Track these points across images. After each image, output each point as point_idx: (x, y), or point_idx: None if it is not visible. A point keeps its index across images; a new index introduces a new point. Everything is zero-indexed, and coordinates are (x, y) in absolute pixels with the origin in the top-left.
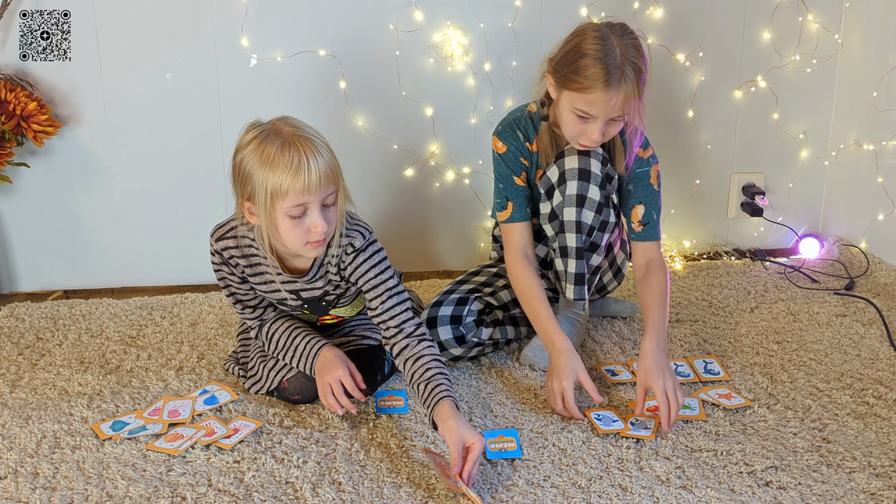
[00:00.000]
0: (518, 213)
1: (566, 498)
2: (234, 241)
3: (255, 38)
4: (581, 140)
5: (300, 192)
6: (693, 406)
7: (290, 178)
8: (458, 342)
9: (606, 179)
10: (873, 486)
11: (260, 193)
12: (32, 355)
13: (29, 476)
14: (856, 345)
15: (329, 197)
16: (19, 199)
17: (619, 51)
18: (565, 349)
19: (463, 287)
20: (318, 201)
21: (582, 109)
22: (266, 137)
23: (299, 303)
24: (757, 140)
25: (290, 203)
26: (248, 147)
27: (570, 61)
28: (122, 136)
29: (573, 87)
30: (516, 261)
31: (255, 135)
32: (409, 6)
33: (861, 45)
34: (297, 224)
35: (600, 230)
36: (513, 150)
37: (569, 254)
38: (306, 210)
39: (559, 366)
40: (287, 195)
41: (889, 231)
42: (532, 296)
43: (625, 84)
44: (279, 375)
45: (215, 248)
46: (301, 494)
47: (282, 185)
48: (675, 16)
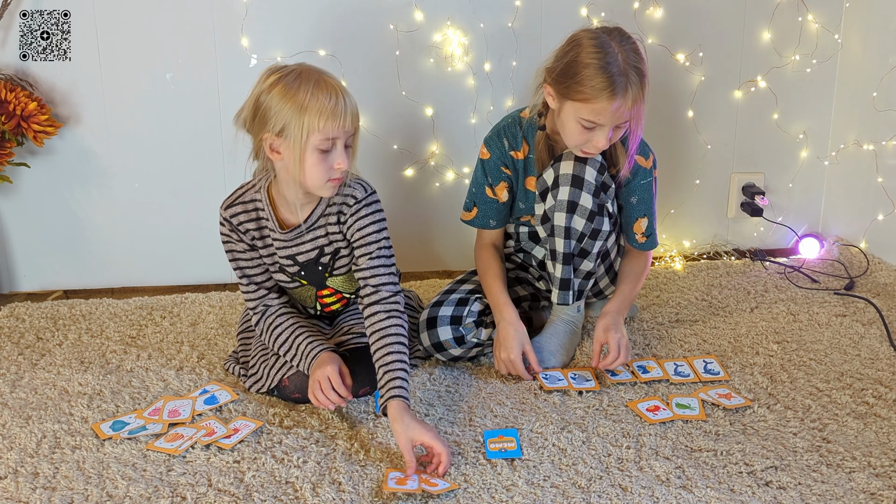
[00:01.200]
0: (480, 220)
1: (566, 498)
2: (242, 206)
3: (255, 38)
4: (586, 148)
5: (335, 125)
6: (693, 406)
7: (329, 112)
8: (458, 342)
9: (602, 188)
10: (873, 486)
11: (294, 126)
12: (32, 355)
13: (29, 476)
14: (856, 345)
15: (350, 138)
16: (19, 199)
17: (621, 57)
18: (513, 320)
19: (463, 287)
20: (344, 139)
21: (588, 119)
22: (297, 77)
23: (296, 269)
24: (757, 140)
25: (322, 136)
26: (278, 86)
27: (572, 73)
28: (122, 136)
29: (578, 97)
30: (482, 248)
31: (282, 76)
32: (409, 6)
33: (861, 45)
34: (323, 160)
35: (591, 237)
36: (495, 159)
37: (556, 258)
38: (333, 145)
39: (507, 337)
40: (323, 128)
41: (889, 231)
42: (489, 273)
43: (630, 89)
44: (279, 373)
45: (224, 217)
46: (301, 494)
47: (319, 118)
48: (675, 16)
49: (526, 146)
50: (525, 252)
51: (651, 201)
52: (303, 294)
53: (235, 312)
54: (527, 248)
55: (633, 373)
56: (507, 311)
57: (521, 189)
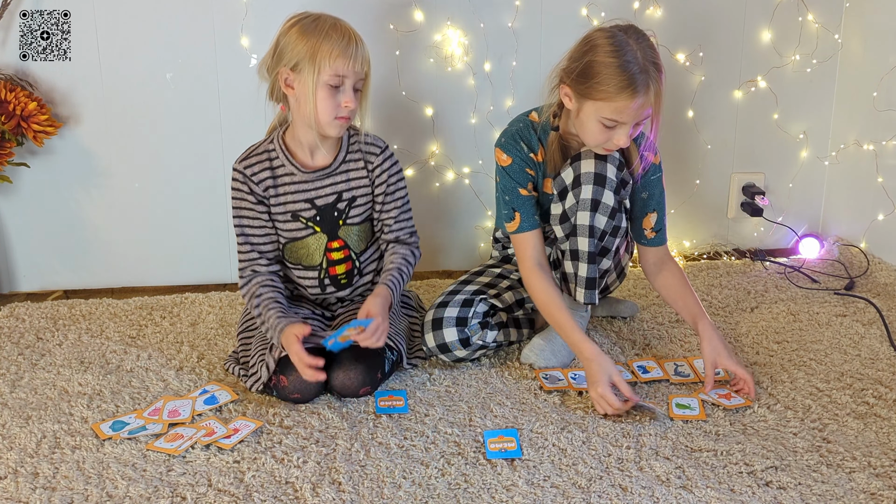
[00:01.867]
0: (526, 222)
1: (566, 498)
2: (256, 157)
3: (255, 38)
4: (607, 146)
5: (346, 63)
6: (693, 406)
7: (340, 48)
8: (464, 344)
9: (621, 185)
10: (873, 486)
11: (307, 61)
12: (32, 355)
13: (29, 476)
14: (856, 345)
15: (359, 82)
16: (19, 199)
17: (640, 54)
18: (594, 356)
19: (468, 288)
20: (353, 79)
21: (610, 118)
22: (315, 20)
23: (313, 212)
24: (757, 140)
25: (332, 72)
26: (296, 26)
27: (592, 73)
28: (122, 136)
29: (599, 97)
30: (532, 273)
31: (301, 18)
32: (409, 6)
33: (861, 45)
34: (332, 95)
35: (612, 235)
36: (518, 162)
37: (580, 258)
38: (342, 83)
39: (593, 373)
40: (334, 63)
41: (889, 231)
42: (553, 307)
43: (652, 85)
44: (271, 359)
45: (238, 170)
46: (301, 494)
47: (332, 52)
48: (675, 16)
49: (542, 149)
50: None
51: (661, 197)
52: (312, 247)
53: (235, 312)
54: None
55: (632, 373)
56: (586, 349)
57: (540, 192)
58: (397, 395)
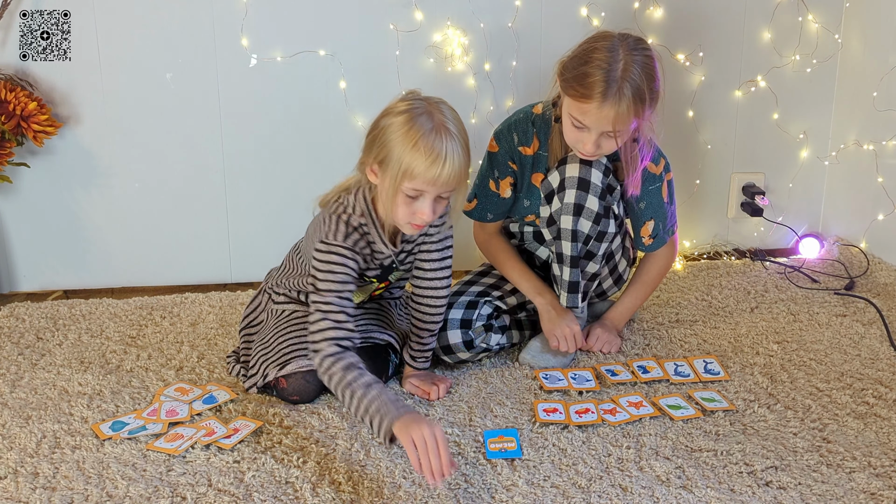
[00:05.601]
0: (477, 212)
1: (566, 498)
2: (357, 232)
3: (255, 38)
4: (577, 147)
5: (426, 182)
6: (682, 405)
7: (425, 166)
8: (467, 346)
9: (608, 190)
10: (873, 486)
11: (393, 166)
12: (32, 355)
13: (29, 476)
14: (856, 345)
15: (446, 192)
16: (19, 199)
17: (622, 66)
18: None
19: (472, 289)
20: (435, 193)
21: (576, 118)
22: (419, 115)
23: (378, 272)
24: (757, 140)
25: (411, 185)
26: (398, 117)
27: (574, 66)
28: (122, 136)
29: (571, 93)
30: (489, 238)
31: (409, 107)
32: (409, 6)
33: (861, 45)
34: (409, 203)
35: (597, 240)
36: (503, 153)
37: (563, 261)
38: (421, 195)
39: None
40: (414, 179)
41: (889, 231)
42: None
43: (620, 101)
44: (274, 371)
45: (345, 246)
46: (301, 494)
47: (415, 169)
48: (675, 16)
49: (537, 142)
50: (529, 252)
51: (660, 205)
52: (363, 291)
53: (235, 312)
54: (530, 249)
55: (633, 373)
56: (546, 293)
57: (527, 185)
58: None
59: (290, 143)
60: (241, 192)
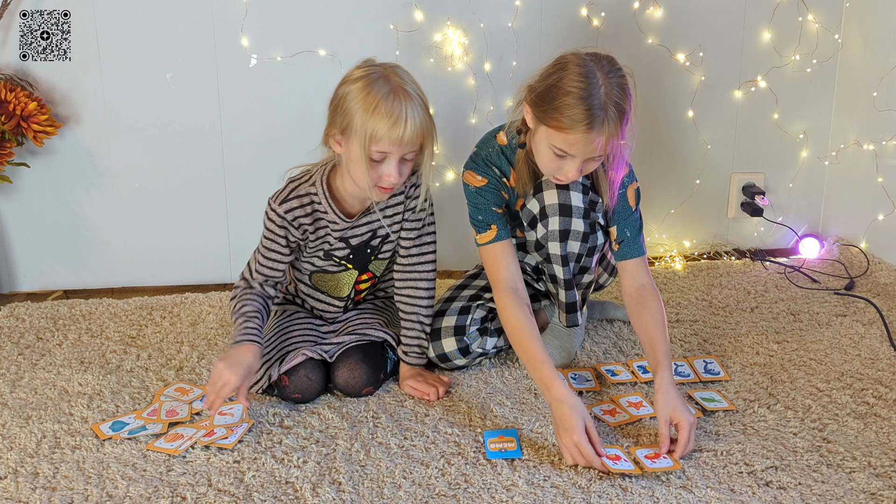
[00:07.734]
0: (503, 230)
1: (566, 498)
2: (298, 200)
3: (255, 38)
4: (557, 175)
5: (388, 143)
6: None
7: (387, 128)
8: (463, 353)
9: (591, 207)
10: (873, 486)
11: (357, 132)
12: (32, 355)
13: (29, 476)
14: (856, 345)
15: (410, 153)
16: (19, 199)
17: (603, 90)
18: (565, 397)
19: (464, 294)
20: (399, 154)
21: (560, 148)
22: (376, 80)
23: (347, 251)
24: (757, 140)
25: (375, 148)
26: (355, 84)
27: (551, 97)
28: (122, 136)
29: (553, 124)
30: (505, 295)
31: (365, 73)
32: (409, 6)
33: (861, 45)
34: (374, 167)
35: (588, 255)
36: (493, 184)
37: (558, 283)
38: (386, 158)
39: (565, 418)
40: (379, 142)
41: (889, 231)
42: (524, 337)
43: (607, 125)
44: (275, 369)
45: (278, 213)
46: (301, 494)
47: (378, 131)
48: (675, 16)
49: (513, 172)
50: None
51: (624, 210)
52: (343, 281)
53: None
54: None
55: (633, 373)
56: (556, 388)
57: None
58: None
59: (290, 143)
60: (241, 192)
